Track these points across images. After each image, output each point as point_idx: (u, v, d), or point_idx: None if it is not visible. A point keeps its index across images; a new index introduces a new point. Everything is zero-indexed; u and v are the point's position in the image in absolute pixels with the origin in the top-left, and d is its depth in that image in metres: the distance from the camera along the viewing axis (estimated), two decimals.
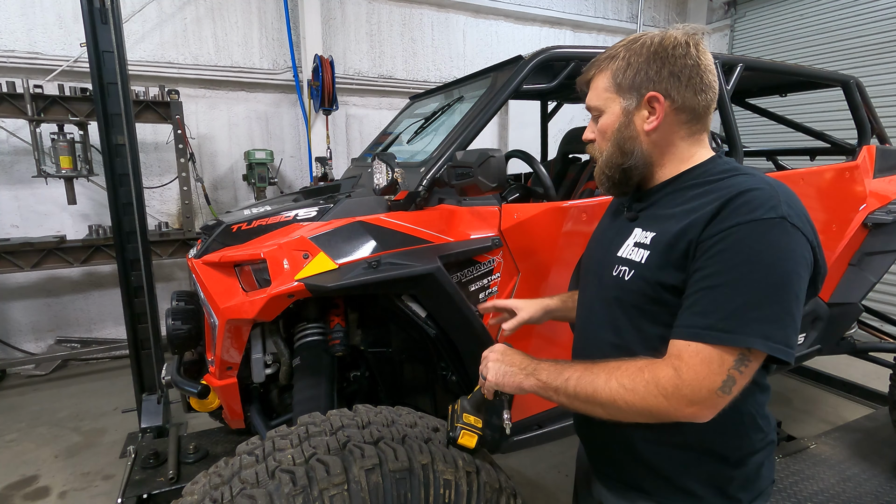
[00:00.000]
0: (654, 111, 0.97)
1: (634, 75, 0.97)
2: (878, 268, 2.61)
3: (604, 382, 0.89)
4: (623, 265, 1.01)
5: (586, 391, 0.90)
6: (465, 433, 1.07)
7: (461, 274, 1.67)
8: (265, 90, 4.74)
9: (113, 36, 2.62)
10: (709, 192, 0.93)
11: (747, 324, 0.81)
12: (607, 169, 1.04)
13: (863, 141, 2.65)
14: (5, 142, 3.85)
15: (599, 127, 1.05)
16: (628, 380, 0.87)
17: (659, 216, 0.99)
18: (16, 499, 2.53)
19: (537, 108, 3.39)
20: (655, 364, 0.87)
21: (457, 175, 1.62)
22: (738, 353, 0.82)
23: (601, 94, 1.03)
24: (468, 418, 1.09)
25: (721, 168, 0.98)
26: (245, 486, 0.96)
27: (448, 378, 1.81)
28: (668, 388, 0.83)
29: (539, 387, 0.97)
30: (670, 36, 0.97)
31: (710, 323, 0.83)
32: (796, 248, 0.84)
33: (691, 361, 0.83)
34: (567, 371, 0.94)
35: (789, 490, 2.35)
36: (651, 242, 0.96)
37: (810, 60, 5.26)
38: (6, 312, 4.08)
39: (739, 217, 0.84)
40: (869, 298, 2.71)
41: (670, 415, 0.84)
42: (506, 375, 1.01)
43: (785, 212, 0.84)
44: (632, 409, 0.86)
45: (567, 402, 0.94)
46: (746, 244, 0.83)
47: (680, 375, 0.83)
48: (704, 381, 0.82)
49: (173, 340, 1.77)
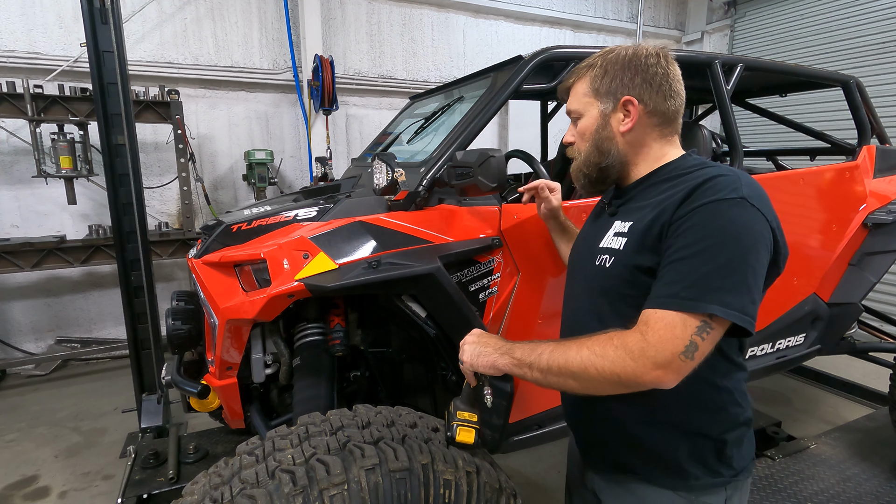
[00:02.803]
0: (629, 114, 1.08)
1: (611, 81, 1.08)
2: (878, 268, 2.61)
3: (575, 352, 0.94)
4: (604, 254, 1.09)
5: (558, 362, 0.95)
6: (462, 429, 1.09)
7: (461, 274, 1.67)
8: (265, 90, 4.74)
9: (113, 36, 2.62)
10: (680, 182, 1.02)
11: (708, 292, 0.88)
12: (585, 168, 1.15)
13: (863, 141, 2.65)
14: (5, 142, 3.85)
15: (579, 129, 1.15)
16: (599, 347, 0.93)
17: (635, 208, 1.08)
18: (16, 499, 2.53)
19: (537, 108, 3.39)
20: (625, 332, 0.93)
21: (457, 175, 1.62)
22: (700, 319, 0.88)
23: (581, 99, 1.14)
24: (462, 415, 1.11)
25: (691, 164, 1.07)
26: (245, 486, 0.96)
27: (448, 378, 1.80)
28: (634, 351, 0.89)
29: (513, 364, 1.02)
30: (643, 48, 1.09)
31: (675, 291, 0.90)
32: (755, 224, 0.92)
33: (656, 326, 0.89)
34: (539, 347, 1.00)
35: (789, 490, 2.35)
36: (628, 230, 1.05)
37: (810, 60, 5.26)
38: (6, 312, 4.08)
39: (704, 198, 0.93)
40: (869, 298, 2.71)
41: (637, 378, 0.89)
42: (480, 356, 1.06)
43: (745, 193, 0.93)
44: (601, 376, 0.91)
45: (541, 378, 0.98)
46: (709, 220, 0.91)
47: (646, 339, 0.89)
48: (668, 345, 0.88)
49: (173, 340, 1.77)
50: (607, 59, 1.09)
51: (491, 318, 1.75)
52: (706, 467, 1.04)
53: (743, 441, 1.07)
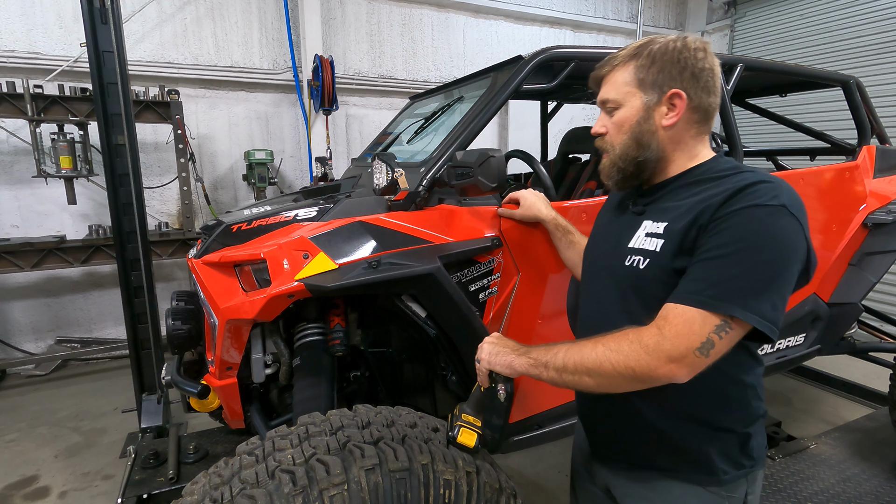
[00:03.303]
0: (674, 108, 1.04)
1: (658, 72, 1.03)
2: (878, 268, 2.61)
3: (590, 350, 0.95)
4: (636, 255, 1.06)
5: (574, 360, 0.96)
6: (464, 431, 1.09)
7: (461, 274, 1.67)
8: (265, 90, 4.74)
9: (113, 36, 2.62)
10: (716, 185, 1.00)
11: (732, 294, 0.88)
12: (621, 161, 1.09)
13: (863, 141, 2.65)
14: (5, 142, 3.85)
15: (616, 120, 1.09)
16: (614, 343, 0.93)
17: (667, 208, 1.05)
18: (16, 499, 2.53)
19: (537, 108, 3.39)
20: (642, 328, 0.93)
21: (457, 175, 1.62)
22: (720, 318, 0.88)
23: (621, 89, 1.07)
24: (467, 417, 1.11)
25: (725, 166, 1.04)
26: (245, 486, 0.96)
27: (448, 378, 1.80)
28: (650, 345, 0.89)
29: (530, 364, 1.03)
30: (691, 40, 1.04)
31: (699, 289, 0.90)
32: (791, 234, 0.91)
33: (675, 321, 0.90)
34: (555, 347, 1.01)
35: (789, 490, 2.35)
36: (664, 231, 1.02)
37: (810, 60, 5.26)
38: (6, 312, 4.08)
39: (744, 202, 0.92)
40: (869, 298, 2.71)
41: (650, 371, 0.89)
42: (498, 355, 1.07)
43: (786, 201, 0.91)
44: (616, 371, 0.92)
45: (557, 377, 0.99)
46: (746, 224, 0.90)
47: (662, 332, 0.90)
48: (684, 340, 0.88)
49: (173, 340, 1.77)
50: (654, 49, 1.04)
51: (491, 318, 1.75)
52: (732, 461, 1.06)
53: (759, 431, 1.10)
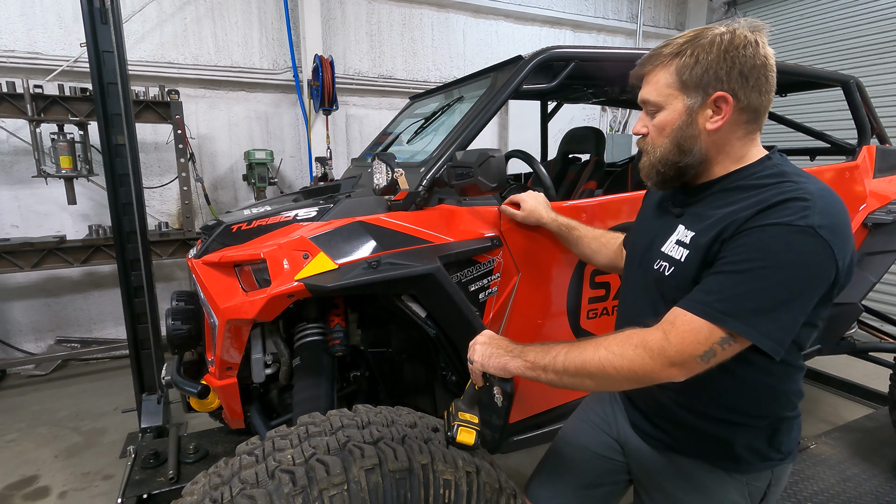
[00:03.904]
0: (720, 111, 0.97)
1: (703, 73, 0.96)
2: (878, 268, 2.60)
3: (592, 353, 0.94)
4: (664, 261, 1.07)
5: (575, 364, 0.95)
6: (463, 430, 1.09)
7: (461, 274, 1.67)
8: (265, 90, 4.74)
9: (113, 36, 2.62)
10: (752, 195, 0.95)
11: (741, 310, 0.87)
12: (661, 166, 1.05)
13: (863, 141, 2.65)
14: (5, 142, 3.85)
15: (657, 123, 1.04)
16: (617, 346, 0.93)
17: (702, 215, 1.03)
18: (16, 499, 2.53)
19: (537, 108, 3.39)
20: (645, 330, 0.93)
21: (457, 175, 1.62)
22: (725, 332, 0.88)
23: (662, 90, 1.02)
24: (463, 416, 1.11)
25: (769, 172, 0.98)
26: (245, 486, 0.96)
27: (448, 378, 1.80)
28: (654, 349, 0.90)
29: (526, 367, 1.01)
30: (740, 34, 0.95)
31: (709, 300, 0.90)
32: (815, 256, 0.86)
33: (682, 328, 0.90)
34: (553, 350, 0.99)
35: (789, 490, 2.35)
36: (690, 242, 1.01)
37: (810, 60, 5.26)
38: (6, 312, 4.08)
39: (770, 219, 0.89)
40: (869, 298, 2.71)
41: (652, 374, 0.90)
42: (491, 357, 1.05)
43: (815, 222, 0.86)
44: (619, 374, 0.92)
45: (556, 379, 0.99)
46: (766, 242, 0.88)
47: (667, 338, 0.90)
48: (688, 347, 0.89)
49: (173, 340, 1.77)
50: (699, 46, 0.96)
51: (491, 318, 1.75)
52: (760, 454, 1.07)
53: (793, 427, 1.09)
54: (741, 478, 1.09)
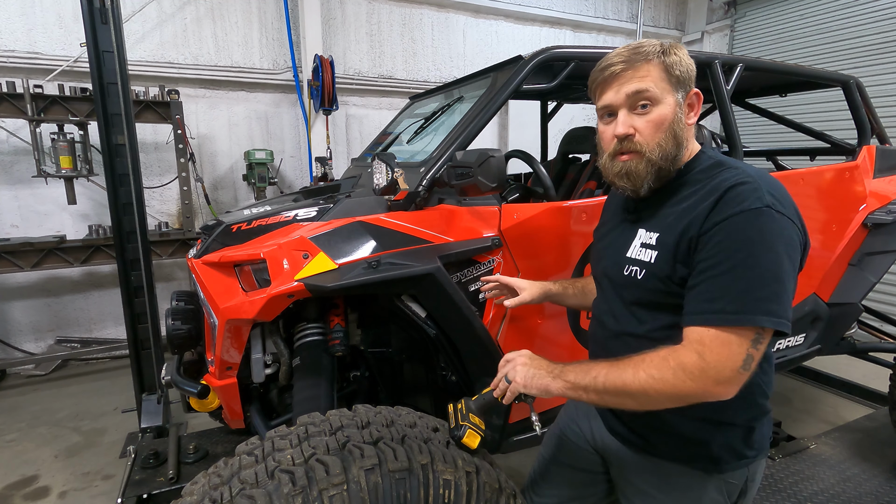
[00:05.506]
0: (693, 107, 1.08)
1: (686, 71, 1.05)
2: (878, 268, 2.61)
3: (632, 376, 0.94)
4: (633, 265, 1.09)
5: (616, 385, 0.96)
6: (471, 433, 1.08)
7: (461, 274, 1.67)
8: (265, 90, 4.74)
9: (113, 36, 2.62)
10: (701, 189, 1.02)
11: (754, 304, 0.89)
12: (663, 161, 1.05)
13: (863, 141, 2.65)
14: (5, 142, 3.85)
15: (654, 118, 1.03)
16: (656, 370, 0.93)
17: (658, 216, 1.08)
18: (16, 499, 2.53)
19: (537, 108, 3.39)
20: (678, 351, 0.93)
21: (457, 175, 1.62)
22: (753, 332, 0.90)
23: (658, 83, 1.02)
24: (474, 419, 1.10)
25: (708, 164, 1.07)
26: (244, 486, 0.96)
27: (448, 378, 1.80)
28: (694, 372, 0.90)
29: (567, 388, 1.02)
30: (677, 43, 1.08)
31: (720, 307, 0.91)
32: (783, 231, 0.92)
33: (713, 345, 0.90)
34: (593, 370, 0.99)
35: (789, 490, 2.35)
36: (657, 243, 1.04)
37: (810, 60, 5.26)
38: (6, 312, 4.08)
39: (730, 210, 0.93)
40: (869, 298, 2.71)
41: (699, 396, 0.92)
42: (534, 378, 1.05)
43: (768, 201, 0.93)
44: (662, 396, 0.93)
45: (597, 399, 0.99)
46: (739, 233, 0.92)
47: (704, 359, 0.90)
48: (727, 362, 0.89)
49: (173, 340, 1.77)
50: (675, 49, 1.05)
51: (491, 317, 1.75)
52: (736, 452, 1.09)
53: (764, 423, 1.12)
54: (719, 476, 1.11)
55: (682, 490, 1.14)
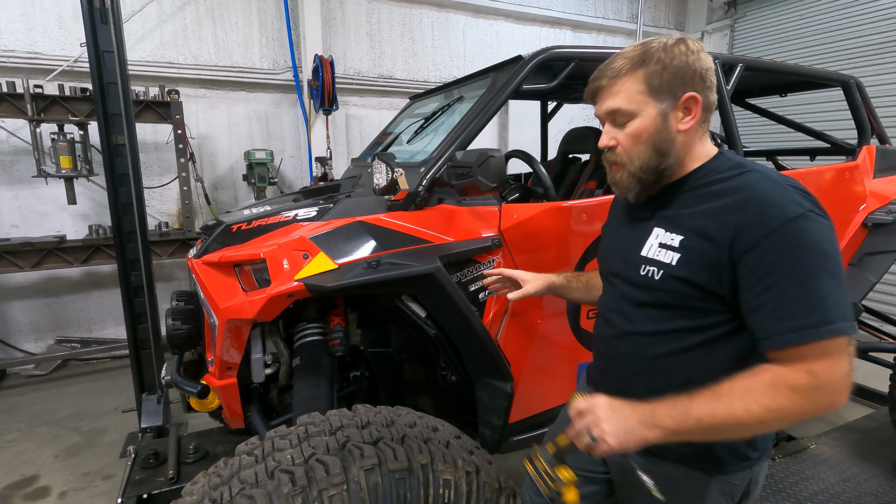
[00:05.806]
0: (689, 111, 1.03)
1: (672, 78, 1.01)
2: (878, 268, 2.60)
3: (742, 410, 0.90)
4: (650, 265, 1.07)
5: (726, 423, 0.91)
6: (565, 489, 0.99)
7: (461, 274, 1.67)
8: (265, 90, 4.74)
9: (113, 36, 2.62)
10: (723, 191, 1.01)
11: (834, 311, 0.89)
12: (643, 173, 1.06)
13: (863, 141, 2.65)
14: (5, 142, 3.85)
15: (631, 131, 1.05)
16: (769, 400, 0.90)
17: (679, 216, 1.05)
18: (16, 499, 2.53)
19: (537, 108, 3.39)
20: (785, 375, 0.90)
21: (457, 175, 1.62)
22: (846, 338, 0.90)
23: (634, 98, 1.03)
24: (560, 472, 1.00)
25: (728, 165, 1.05)
26: (244, 486, 0.96)
27: (448, 378, 1.81)
28: (810, 393, 0.89)
29: (667, 436, 0.93)
30: (690, 42, 1.04)
31: (809, 322, 0.89)
32: (827, 232, 0.94)
33: (820, 360, 0.89)
34: (693, 410, 0.92)
35: (789, 490, 2.35)
36: (679, 245, 1.02)
37: (810, 60, 5.26)
38: (6, 312, 4.08)
39: (771, 223, 0.92)
40: (869, 298, 2.71)
41: (819, 412, 0.91)
42: (628, 434, 0.93)
43: (808, 206, 0.94)
44: (781, 423, 0.93)
45: (701, 437, 0.95)
46: (791, 244, 0.91)
47: (817, 377, 0.89)
48: (839, 374, 0.89)
49: (173, 340, 1.77)
50: (658, 55, 1.01)
51: (491, 318, 1.75)
52: (738, 454, 1.09)
53: None
54: (722, 478, 1.11)
55: (685, 491, 1.13)
